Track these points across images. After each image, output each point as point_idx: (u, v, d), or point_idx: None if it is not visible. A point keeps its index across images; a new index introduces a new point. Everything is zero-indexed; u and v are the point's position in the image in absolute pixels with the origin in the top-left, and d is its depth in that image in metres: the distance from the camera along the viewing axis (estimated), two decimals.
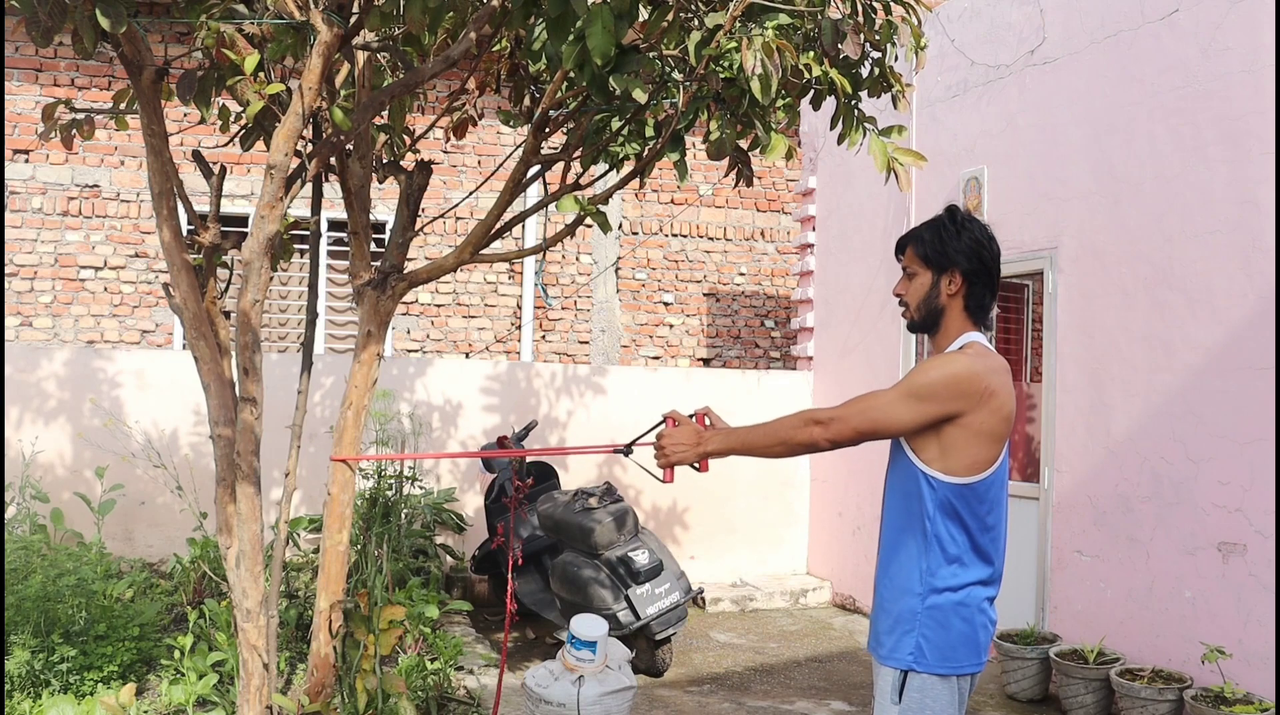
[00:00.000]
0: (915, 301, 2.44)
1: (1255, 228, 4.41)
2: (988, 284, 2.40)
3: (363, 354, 3.59)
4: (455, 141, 7.98)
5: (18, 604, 4.12)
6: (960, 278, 2.37)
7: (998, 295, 2.46)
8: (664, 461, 2.48)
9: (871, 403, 2.30)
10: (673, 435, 2.46)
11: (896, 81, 3.57)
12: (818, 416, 2.31)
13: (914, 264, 2.43)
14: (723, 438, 2.42)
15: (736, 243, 9.21)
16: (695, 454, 2.43)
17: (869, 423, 2.28)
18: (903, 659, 2.29)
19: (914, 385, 2.27)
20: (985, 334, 2.43)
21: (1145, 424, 4.89)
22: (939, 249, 2.38)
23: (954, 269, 2.37)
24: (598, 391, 7.21)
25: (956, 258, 2.37)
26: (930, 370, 2.28)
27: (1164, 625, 4.75)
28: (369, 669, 3.58)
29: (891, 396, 2.28)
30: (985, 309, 2.42)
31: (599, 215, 3.27)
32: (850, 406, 2.31)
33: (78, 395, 6.10)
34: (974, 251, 2.37)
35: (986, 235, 2.40)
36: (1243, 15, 4.48)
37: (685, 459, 2.44)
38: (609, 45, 2.57)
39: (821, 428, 2.29)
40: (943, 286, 2.39)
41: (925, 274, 2.41)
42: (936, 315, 2.41)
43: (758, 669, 5.62)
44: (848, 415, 2.29)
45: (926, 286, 2.41)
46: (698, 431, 2.44)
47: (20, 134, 7.52)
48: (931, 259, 2.40)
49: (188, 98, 2.94)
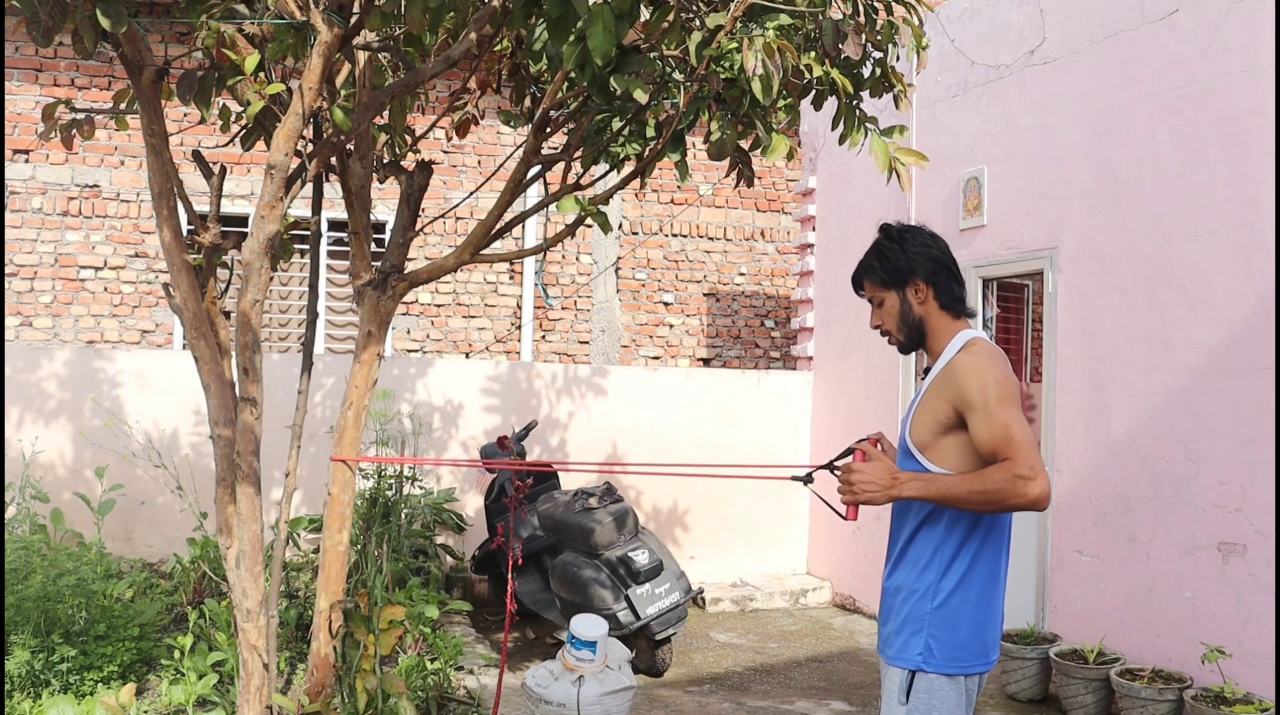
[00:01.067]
0: (894, 325, 2.46)
1: (1255, 228, 4.41)
2: (950, 275, 2.42)
3: (363, 354, 3.59)
4: (456, 141, 7.99)
5: (18, 604, 4.12)
6: (923, 283, 2.40)
7: (964, 281, 2.48)
8: (852, 500, 2.29)
9: (1021, 433, 2.19)
10: (865, 472, 2.26)
11: (898, 81, 3.57)
12: (1019, 471, 2.15)
13: (877, 292, 2.46)
14: (920, 486, 2.23)
15: (736, 243, 9.21)
16: (887, 497, 2.25)
17: (1036, 449, 2.21)
18: (911, 659, 2.29)
19: (1000, 396, 2.22)
20: (973, 321, 2.46)
21: (1145, 424, 4.89)
22: (891, 267, 2.42)
23: (914, 277, 2.40)
24: (598, 392, 7.21)
25: (911, 267, 2.40)
26: (987, 377, 2.24)
27: (1164, 625, 4.75)
28: (369, 669, 3.59)
29: (1012, 415, 2.21)
30: (960, 298, 2.44)
31: (599, 215, 3.27)
32: (1019, 448, 2.18)
33: (78, 395, 6.10)
34: (924, 254, 2.40)
35: (927, 234, 2.44)
36: (1243, 15, 4.48)
37: (876, 501, 2.25)
38: (610, 45, 2.57)
39: (1032, 483, 2.14)
40: (912, 299, 2.42)
41: (891, 295, 2.44)
42: (919, 327, 2.43)
43: (758, 669, 5.62)
44: (1031, 456, 2.17)
45: (898, 306, 2.44)
46: (893, 472, 2.26)
47: (20, 134, 7.52)
48: (890, 280, 2.43)
49: (188, 98, 2.94)
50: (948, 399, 2.29)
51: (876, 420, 6.65)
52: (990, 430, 2.20)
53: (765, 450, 7.44)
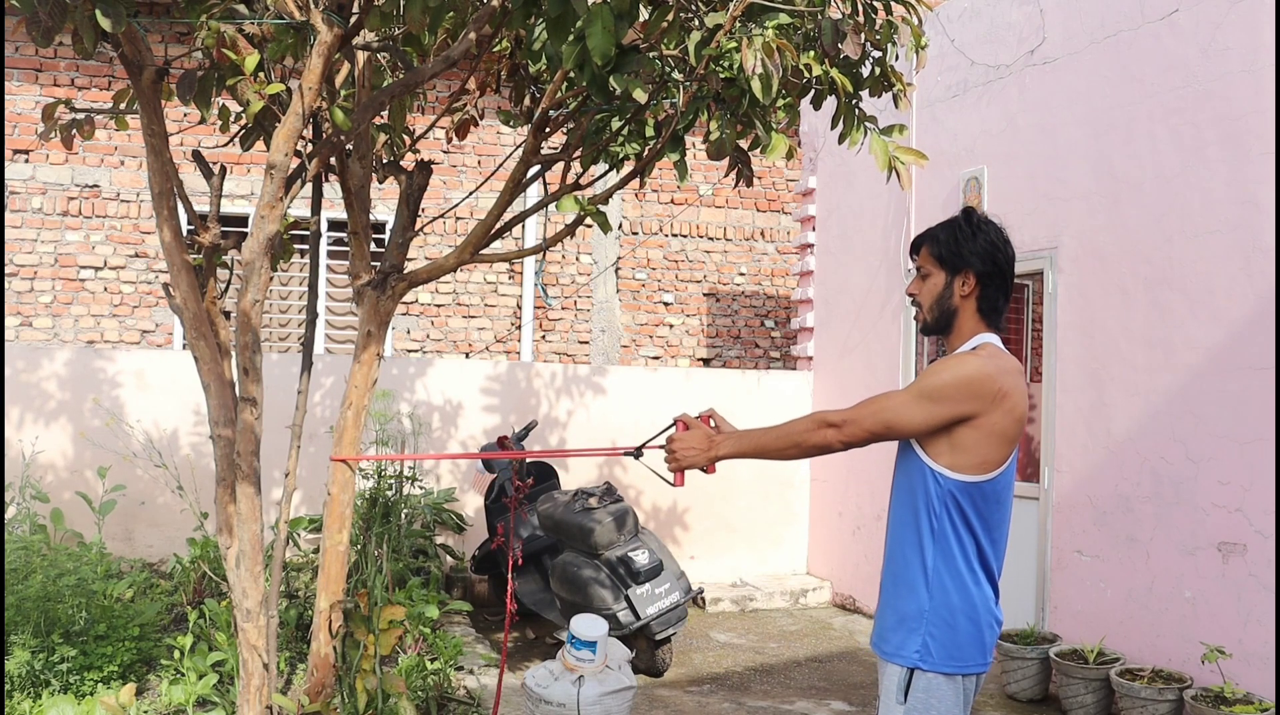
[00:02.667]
0: (929, 302, 2.42)
1: (1255, 228, 4.41)
2: (1001, 286, 2.39)
3: (363, 354, 3.59)
4: (455, 142, 7.99)
5: (18, 604, 4.12)
6: (974, 279, 2.36)
7: (1010, 299, 2.45)
8: (675, 465, 2.46)
9: (885, 404, 2.28)
10: (684, 439, 2.45)
11: (898, 81, 3.56)
12: (830, 418, 2.29)
13: (928, 264, 2.42)
14: (734, 441, 2.40)
15: (736, 243, 9.21)
16: (706, 458, 2.42)
17: (882, 424, 2.27)
18: (909, 657, 2.29)
19: (927, 387, 2.25)
20: (998, 335, 2.43)
21: (1145, 424, 4.89)
22: (954, 250, 2.37)
23: (968, 270, 2.36)
24: (598, 391, 7.21)
25: (971, 259, 2.36)
26: (943, 371, 2.27)
27: (1164, 625, 4.75)
28: (369, 669, 3.58)
29: (905, 398, 2.27)
30: (999, 311, 2.41)
31: (599, 215, 3.27)
32: (863, 408, 2.30)
33: (78, 395, 6.10)
34: (989, 253, 2.36)
35: (1002, 238, 2.39)
36: (1243, 15, 4.48)
37: (696, 463, 2.42)
38: (609, 45, 2.57)
39: (834, 430, 2.29)
40: (956, 287, 2.38)
41: (939, 274, 2.40)
42: (950, 316, 2.40)
43: (758, 669, 5.62)
44: (860, 417, 2.28)
45: (940, 287, 2.40)
46: (709, 435, 2.43)
47: (20, 134, 7.52)
48: (946, 259, 2.39)
49: (188, 98, 2.94)
50: None
51: None
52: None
53: None
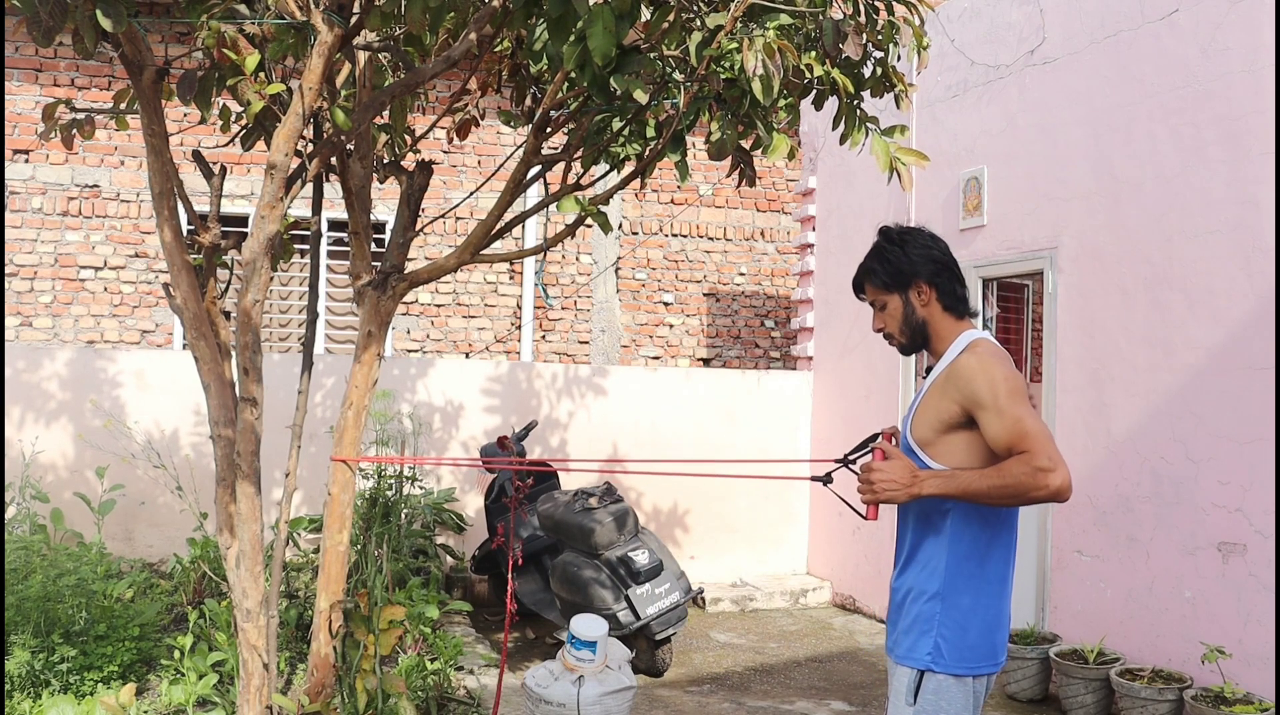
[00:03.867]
0: (897, 327, 2.45)
1: (1255, 228, 4.41)
2: (953, 276, 2.42)
3: (363, 354, 3.59)
4: (456, 142, 7.99)
5: (18, 604, 4.12)
6: (926, 285, 2.40)
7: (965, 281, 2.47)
8: (872, 498, 2.26)
9: (1036, 427, 2.18)
10: (885, 470, 2.23)
11: (899, 81, 3.57)
12: (1039, 463, 2.12)
13: (879, 295, 2.46)
14: (941, 483, 2.21)
15: (736, 243, 9.21)
16: (908, 495, 2.22)
17: (1051, 439, 2.19)
18: (920, 659, 2.29)
19: (1010, 392, 2.21)
20: (976, 321, 2.45)
21: (1145, 424, 4.89)
22: (893, 271, 2.41)
23: (916, 280, 2.40)
24: (598, 392, 7.21)
25: (914, 269, 2.39)
26: (995, 374, 2.23)
27: (1164, 625, 4.75)
28: (369, 669, 3.58)
29: (1024, 410, 2.20)
30: (962, 299, 2.43)
31: (599, 215, 3.27)
32: (1035, 440, 2.16)
33: (78, 395, 6.10)
34: (925, 256, 2.40)
35: (927, 235, 2.44)
36: (1243, 15, 4.48)
37: (897, 499, 2.22)
38: (610, 46, 2.57)
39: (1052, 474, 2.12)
40: (914, 301, 2.41)
41: (893, 298, 2.43)
42: (922, 329, 2.43)
43: (758, 669, 5.62)
44: (1049, 447, 2.15)
45: (900, 309, 2.43)
46: (913, 470, 2.23)
47: (20, 134, 7.51)
48: (892, 283, 2.42)
49: (188, 98, 2.94)
50: (955, 399, 2.28)
51: (876, 420, 6.65)
52: (1004, 426, 2.19)
53: (765, 450, 7.44)
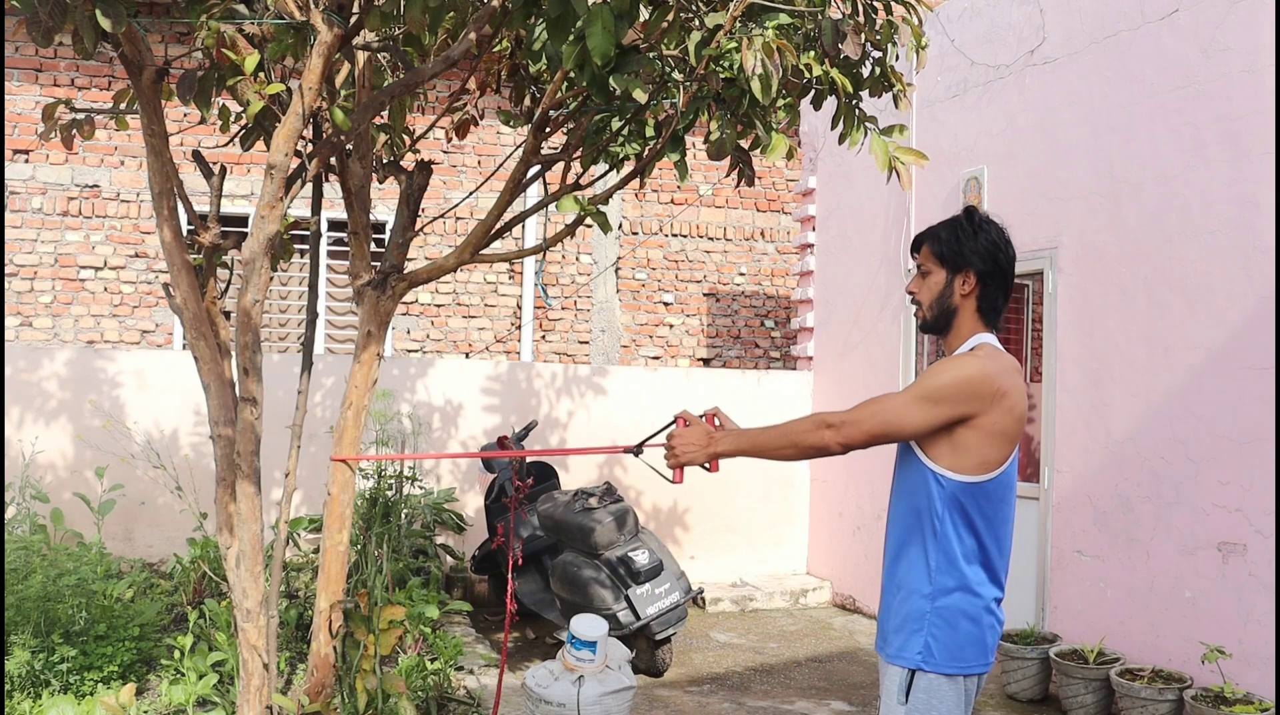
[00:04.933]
0: (929, 300, 2.42)
1: (1255, 228, 4.41)
2: (1001, 286, 2.39)
3: (363, 354, 3.59)
4: (455, 141, 7.99)
5: (18, 604, 4.12)
6: (974, 278, 2.37)
7: (1010, 299, 2.45)
8: (674, 462, 2.46)
9: (884, 406, 2.28)
10: (683, 436, 2.44)
11: (898, 81, 3.56)
12: (829, 420, 2.28)
13: (929, 262, 2.42)
14: (733, 439, 2.40)
15: (736, 243, 9.21)
16: (706, 455, 2.42)
17: (881, 426, 2.26)
18: (910, 658, 2.29)
19: (926, 388, 2.25)
20: (996, 335, 2.43)
21: (1145, 424, 4.89)
22: (955, 248, 2.37)
23: (969, 269, 2.36)
24: (598, 391, 7.21)
25: (972, 258, 2.36)
26: (942, 373, 2.27)
27: (1164, 625, 4.75)
28: (369, 669, 3.58)
29: (904, 399, 2.27)
30: (998, 311, 2.41)
31: (599, 215, 3.26)
32: (862, 409, 2.29)
33: (78, 395, 6.10)
34: (990, 253, 2.36)
35: (1004, 238, 2.40)
36: (1243, 15, 4.48)
37: (696, 460, 2.42)
38: (609, 45, 2.57)
39: (833, 431, 2.28)
40: (956, 287, 2.38)
41: (940, 273, 2.40)
42: (949, 315, 2.40)
43: (758, 669, 5.62)
44: (860, 418, 2.27)
45: (940, 286, 2.40)
46: (708, 432, 2.43)
47: (20, 134, 7.52)
48: (947, 258, 2.39)
49: (188, 98, 2.94)
50: None
51: None
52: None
53: None
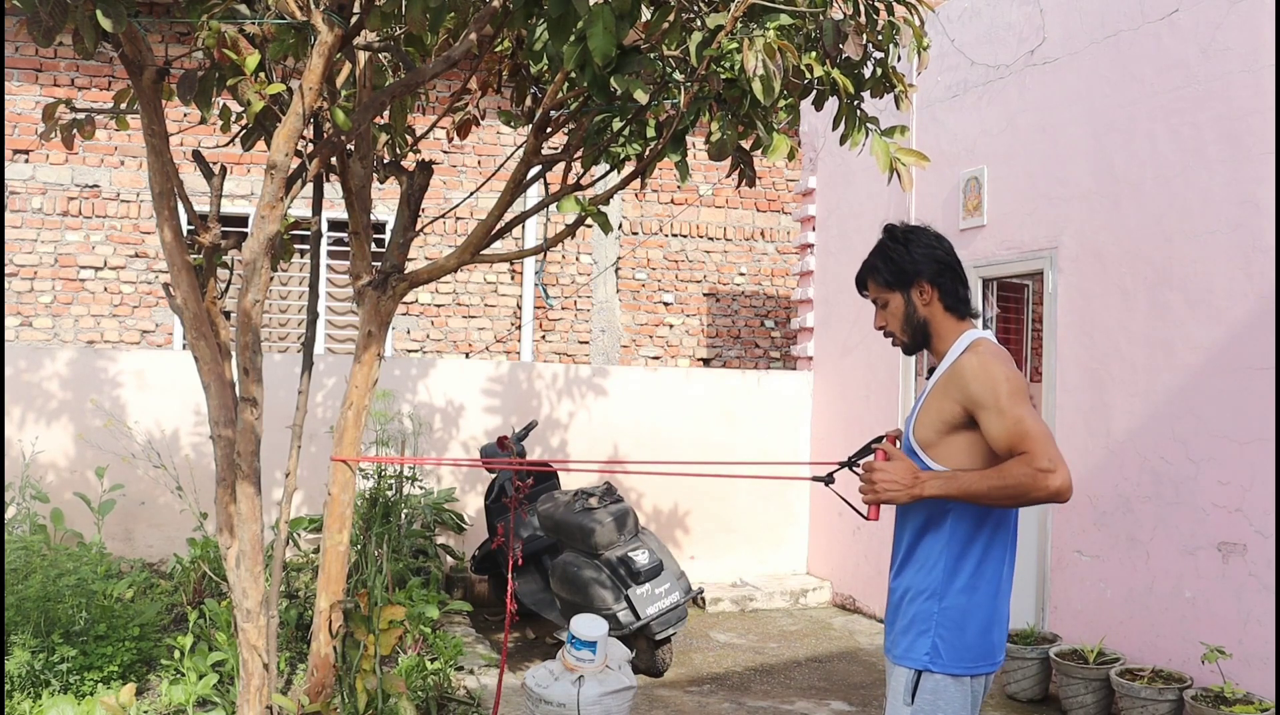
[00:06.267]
0: (899, 326, 2.45)
1: (1255, 228, 4.41)
2: (955, 277, 2.42)
3: (363, 354, 3.59)
4: (456, 142, 8.00)
5: (18, 604, 4.12)
6: (928, 284, 2.40)
7: (968, 281, 2.47)
8: (874, 499, 2.26)
9: (1037, 428, 2.18)
10: (887, 471, 2.23)
11: (899, 82, 3.56)
12: (1040, 464, 2.13)
13: (881, 293, 2.46)
14: (942, 484, 2.21)
15: (736, 243, 9.21)
16: (909, 496, 2.22)
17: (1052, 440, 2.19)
18: (918, 659, 2.29)
19: (1011, 392, 2.21)
20: (977, 322, 2.45)
21: (1145, 424, 4.89)
22: (896, 269, 2.41)
23: (918, 280, 2.40)
24: (598, 392, 7.21)
25: (916, 268, 2.39)
26: (996, 374, 2.24)
27: (1164, 625, 4.75)
28: (369, 669, 3.58)
29: (1025, 410, 2.20)
30: (964, 300, 2.43)
31: (599, 215, 3.27)
32: (1035, 441, 2.16)
33: (79, 395, 6.10)
34: (929, 256, 2.40)
35: (932, 235, 2.44)
36: (1243, 15, 4.48)
37: (897, 500, 2.23)
38: (610, 46, 2.57)
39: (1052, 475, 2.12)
40: (916, 300, 2.41)
41: (895, 297, 2.43)
42: (923, 328, 2.43)
43: (758, 669, 5.62)
44: (1049, 448, 2.15)
45: (902, 308, 2.43)
46: (914, 471, 2.24)
47: (20, 134, 7.51)
48: (894, 281, 2.42)
49: (188, 98, 2.94)
50: (956, 399, 2.28)
51: (876, 420, 6.65)
52: (1004, 426, 2.19)
53: (765, 450, 7.44)
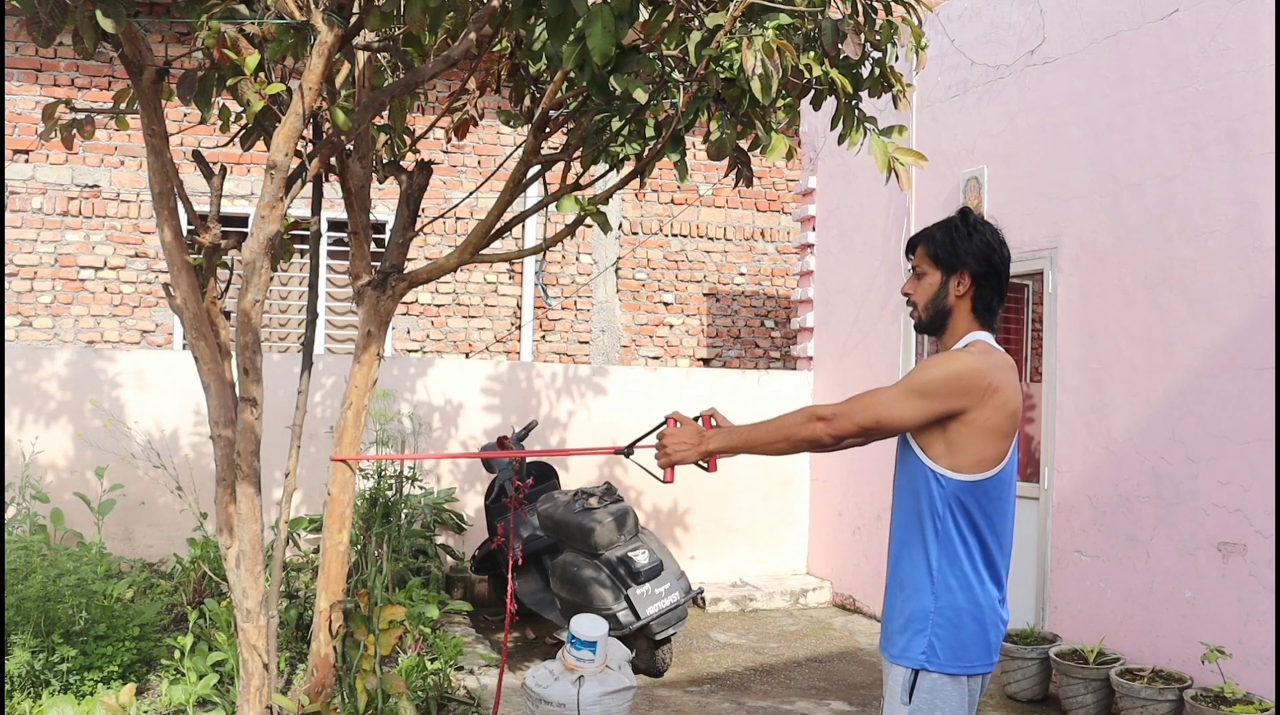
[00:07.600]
0: (923, 301, 2.43)
1: (1255, 228, 4.41)
2: (996, 287, 2.39)
3: (363, 354, 3.59)
4: (455, 141, 8.00)
5: (18, 604, 4.12)
6: (969, 279, 2.37)
7: (1006, 299, 2.45)
8: (665, 461, 2.48)
9: (875, 399, 2.30)
10: (674, 435, 2.47)
11: (897, 81, 3.57)
12: (820, 412, 2.31)
13: (924, 263, 2.43)
14: (725, 436, 2.43)
15: (736, 243, 9.21)
16: (697, 453, 2.44)
17: (872, 419, 2.28)
18: (915, 658, 2.29)
19: (916, 382, 2.27)
20: (992, 334, 2.43)
21: (1145, 424, 4.89)
22: (949, 249, 2.38)
23: (963, 270, 2.37)
24: (598, 391, 7.21)
25: (966, 259, 2.36)
26: (933, 367, 2.29)
27: (1164, 625, 4.75)
28: (369, 669, 3.59)
29: (894, 393, 2.28)
30: (993, 312, 2.42)
31: (599, 215, 3.27)
32: (853, 402, 2.31)
33: (78, 395, 6.10)
34: (984, 254, 2.36)
35: (998, 239, 2.40)
36: (1243, 15, 4.48)
37: (687, 458, 2.44)
38: (609, 45, 2.57)
39: (824, 423, 2.30)
40: (951, 287, 2.39)
41: (934, 274, 2.41)
42: (944, 316, 2.41)
43: (758, 669, 5.62)
44: (851, 411, 2.29)
45: (935, 287, 2.41)
46: (699, 431, 2.45)
47: (20, 134, 7.52)
48: (941, 259, 2.39)
49: (188, 98, 2.94)
50: None
51: None
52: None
53: None
